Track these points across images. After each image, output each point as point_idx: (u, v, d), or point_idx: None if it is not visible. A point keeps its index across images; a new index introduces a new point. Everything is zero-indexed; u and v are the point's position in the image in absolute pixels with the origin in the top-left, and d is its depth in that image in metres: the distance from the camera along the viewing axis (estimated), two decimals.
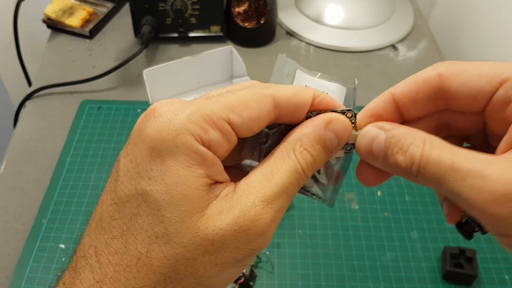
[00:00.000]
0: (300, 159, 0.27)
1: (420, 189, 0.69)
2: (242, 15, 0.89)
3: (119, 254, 0.25)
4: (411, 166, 0.25)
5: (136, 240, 0.25)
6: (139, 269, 0.25)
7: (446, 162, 0.24)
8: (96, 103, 0.80)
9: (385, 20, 0.97)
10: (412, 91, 0.28)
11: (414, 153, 0.25)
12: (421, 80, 0.28)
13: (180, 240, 0.25)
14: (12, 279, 0.58)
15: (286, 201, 0.26)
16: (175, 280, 0.25)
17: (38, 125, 0.77)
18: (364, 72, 0.89)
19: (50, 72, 0.86)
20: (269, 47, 0.93)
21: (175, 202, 0.25)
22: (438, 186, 0.25)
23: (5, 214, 0.65)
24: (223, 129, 0.26)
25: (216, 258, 0.25)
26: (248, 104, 0.26)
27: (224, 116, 0.26)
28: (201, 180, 0.25)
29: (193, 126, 0.25)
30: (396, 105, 0.29)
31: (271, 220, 0.25)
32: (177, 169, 0.25)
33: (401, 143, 0.26)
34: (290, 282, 0.59)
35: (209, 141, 0.25)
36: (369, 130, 0.28)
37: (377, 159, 0.27)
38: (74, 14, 0.93)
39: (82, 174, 0.70)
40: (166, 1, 0.85)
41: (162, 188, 0.25)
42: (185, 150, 0.25)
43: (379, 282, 0.59)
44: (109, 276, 0.25)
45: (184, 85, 0.77)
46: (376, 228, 0.64)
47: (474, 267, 0.58)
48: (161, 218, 0.25)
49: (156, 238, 0.25)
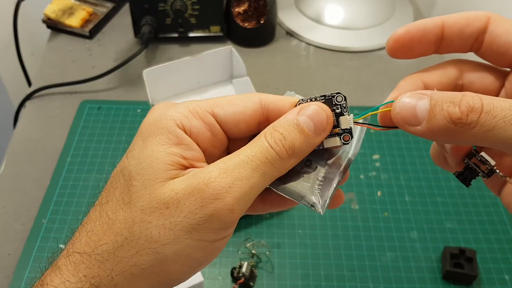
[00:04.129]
0: (268, 137, 0.27)
1: (420, 189, 0.69)
2: (242, 15, 0.89)
3: (94, 221, 0.27)
4: (467, 114, 0.24)
5: (107, 206, 0.27)
6: (104, 231, 0.27)
7: None
8: (96, 103, 0.80)
9: (385, 20, 0.97)
10: (462, 23, 0.29)
11: (471, 101, 0.24)
12: (472, 16, 0.29)
13: (140, 204, 0.26)
14: (12, 279, 0.58)
15: (251, 173, 0.26)
16: (131, 242, 0.26)
17: (38, 125, 0.77)
18: (364, 72, 0.89)
19: (50, 72, 0.86)
20: (269, 47, 0.93)
21: (143, 172, 0.27)
22: (503, 130, 0.24)
23: (5, 214, 0.65)
24: (205, 119, 0.28)
25: (171, 223, 0.26)
26: (233, 101, 0.29)
27: (209, 109, 0.28)
28: (172, 157, 0.27)
29: (177, 114, 0.28)
30: (442, 30, 0.29)
31: (227, 185, 0.26)
32: (152, 145, 0.27)
33: (451, 97, 0.25)
34: (290, 282, 0.59)
35: (190, 127, 0.28)
36: (408, 96, 0.26)
37: (420, 123, 0.25)
38: (74, 14, 0.93)
39: (82, 174, 0.70)
40: (166, 1, 0.85)
41: (135, 161, 0.27)
42: (164, 131, 0.27)
43: (379, 282, 0.59)
44: (82, 240, 0.27)
45: (184, 85, 0.77)
46: (376, 228, 0.64)
47: (474, 267, 0.58)
48: (130, 186, 0.27)
49: (123, 204, 0.27)
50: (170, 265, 0.26)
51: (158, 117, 0.28)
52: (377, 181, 0.70)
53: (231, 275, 0.59)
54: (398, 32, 0.29)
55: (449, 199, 0.68)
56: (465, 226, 0.65)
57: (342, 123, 0.29)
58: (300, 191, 0.29)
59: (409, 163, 0.72)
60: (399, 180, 0.70)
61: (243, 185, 0.26)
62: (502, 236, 0.64)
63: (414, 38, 0.29)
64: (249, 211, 0.31)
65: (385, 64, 0.90)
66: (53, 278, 0.27)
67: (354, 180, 0.70)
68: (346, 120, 0.28)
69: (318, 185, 0.29)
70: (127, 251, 0.26)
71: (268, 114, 0.29)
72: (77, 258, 0.26)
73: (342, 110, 0.29)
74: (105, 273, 0.26)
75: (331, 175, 0.30)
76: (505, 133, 0.23)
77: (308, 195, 0.29)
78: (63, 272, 0.26)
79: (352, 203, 0.67)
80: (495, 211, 0.66)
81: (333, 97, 0.28)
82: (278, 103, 0.29)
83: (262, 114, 0.29)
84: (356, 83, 0.86)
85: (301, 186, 0.29)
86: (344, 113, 0.29)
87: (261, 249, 0.61)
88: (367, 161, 0.72)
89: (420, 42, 0.29)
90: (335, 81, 0.87)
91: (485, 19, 0.29)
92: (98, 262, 0.26)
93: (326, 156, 0.30)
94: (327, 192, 0.29)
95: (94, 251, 0.26)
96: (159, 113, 0.28)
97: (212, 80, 0.79)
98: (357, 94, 0.84)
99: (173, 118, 0.28)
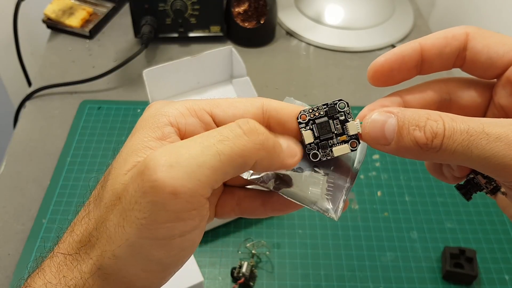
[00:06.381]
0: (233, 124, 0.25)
1: (420, 189, 0.69)
2: (242, 15, 0.89)
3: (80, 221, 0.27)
4: (432, 140, 0.25)
5: (89, 206, 0.27)
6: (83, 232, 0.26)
7: (475, 128, 0.24)
8: (96, 103, 0.80)
9: (385, 20, 0.97)
10: (441, 44, 0.29)
11: (435, 126, 0.25)
12: (450, 36, 0.28)
13: (104, 201, 0.25)
14: (12, 279, 0.58)
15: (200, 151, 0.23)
16: (98, 243, 0.25)
17: (38, 125, 0.77)
18: (364, 72, 0.88)
19: (50, 72, 0.86)
20: (269, 47, 0.93)
21: (116, 165, 0.26)
22: (467, 154, 0.24)
23: (5, 214, 0.65)
24: (202, 118, 0.27)
25: (123, 219, 0.24)
26: (234, 104, 0.28)
27: (207, 108, 0.27)
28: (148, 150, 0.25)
29: (173, 111, 0.27)
30: (421, 54, 0.29)
31: (167, 163, 0.23)
32: (136, 139, 0.26)
33: (416, 121, 0.25)
34: (290, 282, 0.59)
35: (185, 125, 0.26)
36: (376, 115, 0.27)
37: (389, 143, 0.26)
38: (74, 14, 0.93)
39: (82, 174, 0.70)
40: (166, 1, 0.85)
41: (119, 157, 0.27)
42: (152, 126, 0.26)
43: (379, 282, 0.59)
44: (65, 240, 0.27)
45: (184, 85, 0.77)
46: (376, 228, 0.64)
47: (474, 267, 0.58)
48: (105, 182, 0.26)
49: (98, 201, 0.26)
50: (130, 270, 0.24)
51: (153, 113, 0.27)
52: (377, 181, 0.70)
53: (231, 275, 0.59)
54: (377, 62, 0.29)
55: (449, 199, 0.68)
56: (465, 226, 0.65)
57: (350, 129, 0.28)
58: (312, 197, 0.29)
59: (409, 163, 0.72)
60: (399, 180, 0.70)
61: (189, 164, 0.23)
62: (502, 236, 0.64)
63: (394, 67, 0.29)
64: (249, 215, 0.30)
65: None
66: (36, 280, 0.26)
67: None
68: (353, 126, 0.28)
69: (327, 191, 0.29)
70: (95, 252, 0.25)
71: (269, 120, 0.28)
72: (61, 259, 0.26)
73: (346, 117, 0.28)
74: (80, 275, 0.25)
75: (340, 181, 0.30)
76: (465, 156, 0.25)
77: (320, 200, 0.29)
78: (46, 273, 0.26)
79: (352, 203, 0.67)
80: (495, 211, 0.66)
81: (336, 105, 0.28)
82: (281, 111, 0.28)
83: (263, 120, 0.28)
84: (356, 83, 0.86)
85: (312, 192, 0.29)
86: (348, 119, 0.28)
87: (261, 249, 0.61)
88: (367, 161, 0.72)
89: (400, 70, 0.29)
90: (335, 81, 0.87)
91: (464, 36, 0.28)
92: (78, 263, 0.25)
93: (333, 163, 0.30)
94: (339, 198, 0.29)
95: (76, 252, 0.25)
96: (155, 109, 0.27)
97: (212, 80, 0.79)
98: (357, 94, 0.84)
99: (167, 115, 0.26)
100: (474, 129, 0.24)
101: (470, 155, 0.24)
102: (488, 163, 0.24)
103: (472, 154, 0.24)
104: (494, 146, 0.24)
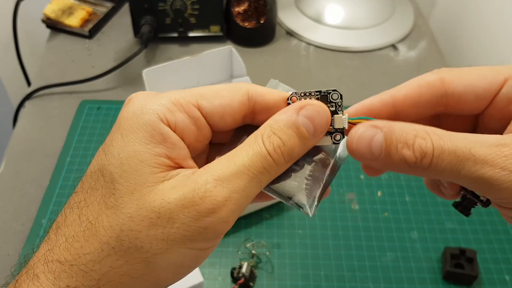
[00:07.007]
0: (266, 142, 0.26)
1: (420, 189, 0.69)
2: (242, 15, 0.89)
3: (73, 225, 0.26)
4: (421, 159, 0.25)
5: (88, 210, 0.26)
6: (86, 238, 0.25)
7: (462, 148, 0.24)
8: (95, 103, 0.80)
9: (385, 20, 0.97)
10: (414, 95, 0.28)
11: (424, 145, 0.25)
12: (424, 85, 0.28)
13: (127, 211, 0.25)
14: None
15: (248, 183, 0.25)
16: (119, 252, 0.25)
17: (38, 125, 0.77)
18: (364, 72, 0.88)
19: (50, 72, 0.86)
20: (269, 47, 0.93)
21: (126, 175, 0.25)
22: (455, 174, 0.25)
23: (4, 214, 0.65)
24: (190, 113, 0.26)
25: (163, 233, 0.24)
26: (220, 93, 0.27)
27: (193, 100, 0.27)
28: (156, 158, 0.25)
29: (160, 107, 0.26)
30: (393, 107, 0.28)
31: (224, 199, 0.24)
32: (134, 144, 0.25)
33: (404, 138, 0.25)
34: (290, 283, 0.59)
35: (175, 122, 0.26)
36: (363, 130, 0.26)
37: (377, 158, 0.26)
38: (73, 14, 0.93)
39: (82, 174, 0.69)
40: (165, 1, 0.85)
41: (117, 161, 0.25)
42: (146, 127, 0.25)
43: (379, 283, 0.59)
44: (59, 245, 0.25)
45: (183, 85, 0.77)
46: (376, 229, 0.64)
47: (474, 268, 0.58)
48: (113, 190, 0.25)
49: (106, 208, 0.25)
50: (161, 273, 0.25)
51: (139, 109, 0.26)
52: (377, 181, 0.70)
53: (231, 276, 0.59)
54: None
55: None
56: (466, 226, 0.65)
57: (336, 122, 0.28)
58: (288, 191, 0.28)
59: None
60: (400, 180, 0.70)
61: (240, 197, 0.25)
62: (503, 236, 0.64)
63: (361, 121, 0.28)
64: None
65: (385, 64, 0.90)
66: (30, 286, 0.25)
67: (354, 180, 0.70)
68: (340, 119, 0.28)
69: (305, 184, 0.28)
70: (115, 260, 0.25)
71: (255, 107, 0.28)
72: (57, 266, 0.25)
73: (336, 109, 0.28)
74: (91, 283, 0.25)
75: (318, 173, 0.29)
76: (453, 175, 0.25)
77: (296, 195, 0.28)
78: (42, 280, 0.25)
79: (352, 203, 0.67)
80: (496, 211, 0.66)
81: (329, 94, 0.28)
82: (267, 96, 0.28)
83: (248, 107, 0.27)
84: (356, 83, 0.86)
85: (289, 185, 0.28)
86: (338, 111, 0.28)
87: (261, 249, 0.61)
88: None
89: None
90: (335, 81, 0.86)
91: (439, 82, 0.28)
92: (82, 272, 0.25)
93: (313, 154, 0.29)
94: (315, 192, 0.28)
95: (77, 260, 0.25)
96: (140, 105, 0.26)
97: (212, 80, 0.79)
98: (357, 94, 0.84)
99: (155, 112, 0.26)
100: (461, 150, 0.24)
101: (458, 175, 0.25)
102: (475, 183, 0.25)
103: (460, 174, 0.25)
104: (480, 168, 0.24)
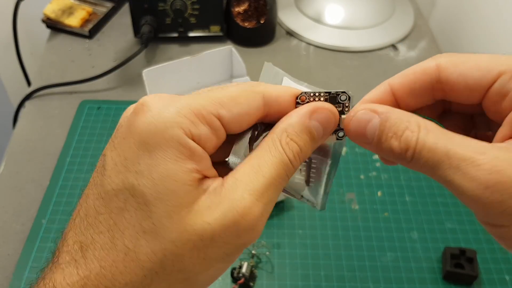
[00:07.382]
0: (287, 150, 0.26)
1: (420, 189, 0.69)
2: (242, 15, 0.89)
3: (106, 249, 0.25)
4: (405, 151, 0.25)
5: (123, 235, 0.25)
6: (126, 264, 0.24)
7: (441, 148, 0.24)
8: (95, 103, 0.80)
9: (385, 20, 0.97)
10: (410, 82, 0.28)
11: (409, 138, 0.25)
12: (419, 71, 0.28)
13: (168, 235, 0.24)
14: (11, 279, 0.58)
15: (275, 193, 0.26)
16: (162, 276, 0.25)
17: (38, 125, 0.77)
18: (364, 72, 0.88)
19: (50, 72, 0.86)
20: (269, 47, 0.93)
21: (162, 197, 0.24)
22: (431, 172, 0.25)
23: (4, 214, 0.65)
24: (212, 124, 0.26)
25: (205, 254, 0.25)
26: (238, 100, 0.27)
27: (214, 111, 0.26)
28: (189, 175, 0.25)
29: (183, 119, 0.25)
30: (393, 96, 0.29)
31: (260, 214, 0.25)
32: (165, 163, 0.24)
33: (395, 128, 0.26)
34: (290, 283, 0.59)
35: (199, 135, 0.25)
36: (362, 113, 0.27)
37: (370, 142, 0.27)
38: (73, 14, 0.93)
39: (82, 174, 0.70)
40: (165, 1, 0.85)
41: (149, 182, 0.24)
42: (174, 144, 0.24)
43: (379, 283, 0.59)
44: (95, 272, 0.24)
45: (183, 85, 0.77)
46: (376, 229, 0.64)
47: (474, 268, 0.58)
48: (149, 213, 0.24)
49: (143, 233, 0.24)
50: (199, 287, 0.27)
51: (160, 122, 0.25)
52: (377, 181, 0.70)
53: (231, 276, 0.59)
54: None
55: (449, 199, 0.68)
56: (466, 226, 0.65)
57: (341, 122, 0.29)
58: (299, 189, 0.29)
59: None
60: (400, 180, 0.70)
61: (270, 208, 0.26)
62: None
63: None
64: None
65: (385, 64, 0.90)
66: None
67: (354, 180, 0.70)
68: None
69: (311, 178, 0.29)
70: (158, 284, 0.25)
71: (269, 111, 0.28)
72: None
73: (343, 109, 0.29)
74: None
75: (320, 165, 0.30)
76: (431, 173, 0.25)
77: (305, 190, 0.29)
78: None
79: (352, 203, 0.67)
80: None
81: (338, 96, 0.29)
82: (279, 99, 0.28)
83: (263, 112, 0.28)
84: (356, 83, 0.86)
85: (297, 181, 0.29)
86: (344, 112, 0.29)
87: (261, 249, 0.61)
88: (367, 161, 0.72)
89: None
90: (335, 81, 0.86)
91: (434, 69, 0.28)
92: None
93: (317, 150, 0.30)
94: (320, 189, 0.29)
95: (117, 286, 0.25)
96: (158, 115, 0.25)
97: (212, 80, 0.79)
98: (357, 94, 0.83)
99: (179, 126, 0.25)
100: (440, 150, 0.24)
101: (434, 175, 0.25)
102: (448, 187, 0.25)
103: (435, 175, 0.25)
104: (452, 173, 0.24)
